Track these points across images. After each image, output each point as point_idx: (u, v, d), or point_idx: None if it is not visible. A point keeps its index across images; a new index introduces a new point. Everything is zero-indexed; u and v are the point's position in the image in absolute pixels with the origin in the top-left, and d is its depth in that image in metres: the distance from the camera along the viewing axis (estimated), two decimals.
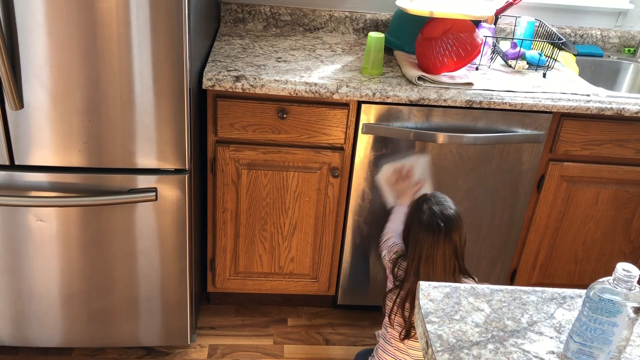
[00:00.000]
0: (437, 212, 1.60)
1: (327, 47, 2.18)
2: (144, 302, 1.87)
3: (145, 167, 1.66)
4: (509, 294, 1.06)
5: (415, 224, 1.61)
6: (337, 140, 1.90)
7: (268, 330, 2.19)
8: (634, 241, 2.18)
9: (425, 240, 1.58)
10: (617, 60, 2.39)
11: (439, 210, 1.60)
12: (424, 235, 1.58)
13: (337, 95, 1.81)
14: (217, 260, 2.08)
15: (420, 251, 1.59)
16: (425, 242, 1.58)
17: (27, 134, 1.57)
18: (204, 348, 2.08)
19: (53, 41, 1.46)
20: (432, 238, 1.58)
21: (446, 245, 1.58)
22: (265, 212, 2.00)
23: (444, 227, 1.57)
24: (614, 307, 0.85)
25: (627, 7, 2.42)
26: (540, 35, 2.23)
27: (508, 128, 1.93)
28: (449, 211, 1.61)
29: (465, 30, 1.85)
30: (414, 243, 1.61)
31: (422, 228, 1.59)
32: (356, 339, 2.19)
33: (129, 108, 1.57)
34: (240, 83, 1.78)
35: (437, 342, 0.92)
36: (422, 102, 1.83)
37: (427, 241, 1.58)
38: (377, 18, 2.36)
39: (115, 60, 1.50)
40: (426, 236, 1.58)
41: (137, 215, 1.72)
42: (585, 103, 1.89)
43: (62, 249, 1.75)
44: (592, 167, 2.02)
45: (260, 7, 2.31)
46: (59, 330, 1.88)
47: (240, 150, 1.89)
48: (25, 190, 1.64)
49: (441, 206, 1.62)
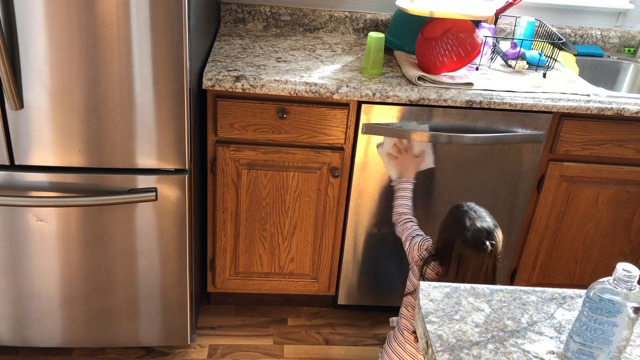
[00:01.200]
0: (482, 229, 1.58)
1: (327, 47, 2.18)
2: (144, 302, 1.87)
3: (145, 167, 1.66)
4: (509, 294, 1.06)
5: (460, 241, 1.58)
6: (337, 140, 1.91)
7: (268, 330, 2.19)
8: (634, 241, 2.18)
9: (471, 258, 1.57)
10: (617, 60, 2.39)
11: (482, 227, 1.58)
12: (470, 252, 1.57)
13: (337, 95, 1.81)
14: (217, 260, 2.08)
15: (466, 269, 1.57)
16: (472, 260, 1.57)
17: (27, 134, 1.57)
18: (204, 348, 2.08)
19: (53, 41, 1.46)
20: (478, 256, 1.56)
21: (489, 260, 1.57)
22: (265, 212, 2.00)
23: (490, 245, 1.56)
24: (614, 307, 0.85)
25: (627, 7, 2.42)
26: (540, 35, 2.23)
27: (508, 128, 1.93)
28: (491, 227, 1.60)
29: (465, 30, 1.85)
30: (457, 259, 1.58)
31: (468, 245, 1.57)
32: (356, 339, 2.19)
33: (129, 108, 1.57)
34: (240, 83, 1.78)
35: (437, 342, 0.92)
36: (422, 102, 1.83)
37: (473, 259, 1.57)
38: (377, 18, 2.36)
39: (115, 60, 1.50)
40: (473, 254, 1.56)
41: (137, 215, 1.72)
42: (585, 103, 1.89)
43: (62, 249, 1.75)
44: (592, 167, 2.02)
45: (260, 7, 2.31)
46: (59, 330, 1.88)
47: (240, 150, 1.89)
48: (25, 190, 1.64)
49: (483, 221, 1.60)
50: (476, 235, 1.57)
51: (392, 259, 2.12)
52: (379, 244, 2.10)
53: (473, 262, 1.57)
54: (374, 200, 2.01)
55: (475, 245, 1.56)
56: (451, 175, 1.99)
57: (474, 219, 1.61)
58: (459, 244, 1.58)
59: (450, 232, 1.63)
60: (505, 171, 2.00)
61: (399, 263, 2.14)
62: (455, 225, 1.62)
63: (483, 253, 1.56)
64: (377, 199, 2.01)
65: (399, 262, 2.13)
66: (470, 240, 1.57)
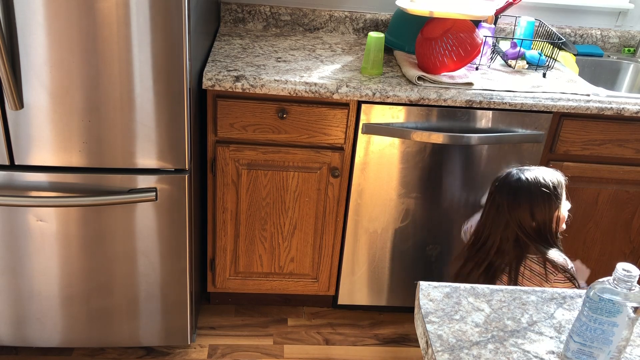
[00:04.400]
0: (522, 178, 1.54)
1: (327, 47, 2.18)
2: (144, 302, 1.87)
3: (145, 167, 1.66)
4: (509, 294, 1.06)
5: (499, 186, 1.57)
6: (337, 140, 1.91)
7: (268, 330, 2.19)
8: (634, 241, 2.18)
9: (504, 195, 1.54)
10: (617, 60, 2.39)
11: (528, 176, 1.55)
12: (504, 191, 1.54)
13: (337, 95, 1.81)
14: (217, 260, 2.08)
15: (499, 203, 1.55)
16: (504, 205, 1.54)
17: (27, 134, 1.58)
18: (204, 348, 2.08)
19: (53, 41, 1.46)
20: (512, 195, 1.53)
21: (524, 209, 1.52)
22: (265, 212, 2.00)
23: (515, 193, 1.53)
24: (614, 307, 0.85)
25: (627, 7, 2.42)
26: (540, 35, 2.23)
27: (508, 128, 1.93)
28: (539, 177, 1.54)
29: (465, 30, 1.85)
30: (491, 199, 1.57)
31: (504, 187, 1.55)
32: (356, 339, 2.19)
33: (129, 108, 1.57)
34: (240, 83, 1.78)
35: (437, 342, 0.92)
36: (422, 102, 1.83)
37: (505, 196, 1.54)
38: (377, 18, 2.36)
39: (115, 60, 1.50)
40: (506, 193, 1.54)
41: (137, 215, 1.72)
42: (585, 103, 1.89)
43: (62, 249, 1.75)
44: (592, 167, 2.02)
45: (260, 7, 2.31)
46: (59, 330, 1.88)
47: (240, 150, 1.89)
48: (25, 190, 1.64)
49: (530, 172, 1.56)
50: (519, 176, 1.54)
51: (392, 259, 2.12)
52: (379, 244, 2.10)
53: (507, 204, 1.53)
54: (374, 200, 2.01)
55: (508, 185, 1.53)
56: (451, 175, 1.99)
57: (521, 170, 1.58)
58: (499, 188, 1.56)
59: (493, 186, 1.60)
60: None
61: (399, 263, 2.14)
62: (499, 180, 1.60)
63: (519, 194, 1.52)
64: (377, 199, 2.01)
65: (399, 262, 2.14)
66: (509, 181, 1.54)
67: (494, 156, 1.97)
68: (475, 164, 1.98)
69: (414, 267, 2.15)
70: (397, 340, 2.20)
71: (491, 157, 1.97)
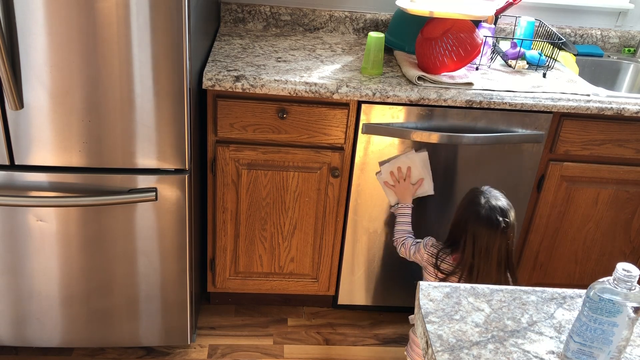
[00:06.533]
0: (495, 207, 1.60)
1: (327, 47, 2.18)
2: (144, 302, 1.87)
3: (145, 167, 1.66)
4: (509, 294, 1.06)
5: (473, 219, 1.60)
6: (337, 140, 1.90)
7: (268, 330, 2.19)
8: (634, 241, 2.18)
9: (484, 235, 1.58)
10: (617, 60, 2.39)
11: (497, 205, 1.60)
12: (483, 230, 1.58)
13: (337, 95, 1.81)
14: (217, 260, 2.08)
15: (480, 246, 1.59)
16: (485, 237, 1.58)
17: (27, 134, 1.58)
18: (204, 348, 2.08)
19: (53, 41, 1.46)
20: (492, 234, 1.58)
21: (503, 240, 1.59)
22: (265, 212, 2.00)
23: (503, 222, 1.57)
24: (614, 307, 0.85)
25: (627, 7, 2.42)
26: (540, 35, 2.23)
27: (508, 128, 1.93)
28: (505, 206, 1.61)
29: (465, 30, 1.85)
30: (472, 238, 1.60)
31: (481, 223, 1.59)
32: (356, 339, 2.19)
33: (129, 108, 1.57)
34: (240, 83, 1.78)
35: (437, 342, 0.92)
36: (422, 102, 1.83)
37: (486, 235, 1.58)
38: (377, 18, 2.36)
39: (115, 60, 1.50)
40: (486, 231, 1.58)
41: (137, 215, 1.72)
42: (585, 103, 1.89)
43: (62, 249, 1.75)
44: (592, 167, 2.02)
45: (260, 7, 2.31)
46: (59, 330, 1.88)
47: (240, 150, 1.89)
48: (25, 190, 1.64)
49: (498, 201, 1.62)
50: (490, 212, 1.58)
51: (392, 259, 2.12)
52: (379, 244, 2.10)
53: (487, 240, 1.58)
54: (374, 200, 2.01)
55: (489, 221, 1.58)
56: (451, 175, 1.99)
57: (489, 198, 1.62)
58: (473, 221, 1.60)
59: (465, 211, 1.64)
60: (505, 171, 2.00)
61: (399, 263, 2.14)
62: (470, 204, 1.64)
63: (496, 230, 1.57)
64: (377, 199, 2.01)
65: (399, 262, 2.14)
66: (484, 216, 1.58)
67: (494, 156, 1.97)
68: (475, 164, 1.98)
69: (414, 267, 2.15)
70: (397, 340, 2.20)
71: (491, 157, 1.97)
